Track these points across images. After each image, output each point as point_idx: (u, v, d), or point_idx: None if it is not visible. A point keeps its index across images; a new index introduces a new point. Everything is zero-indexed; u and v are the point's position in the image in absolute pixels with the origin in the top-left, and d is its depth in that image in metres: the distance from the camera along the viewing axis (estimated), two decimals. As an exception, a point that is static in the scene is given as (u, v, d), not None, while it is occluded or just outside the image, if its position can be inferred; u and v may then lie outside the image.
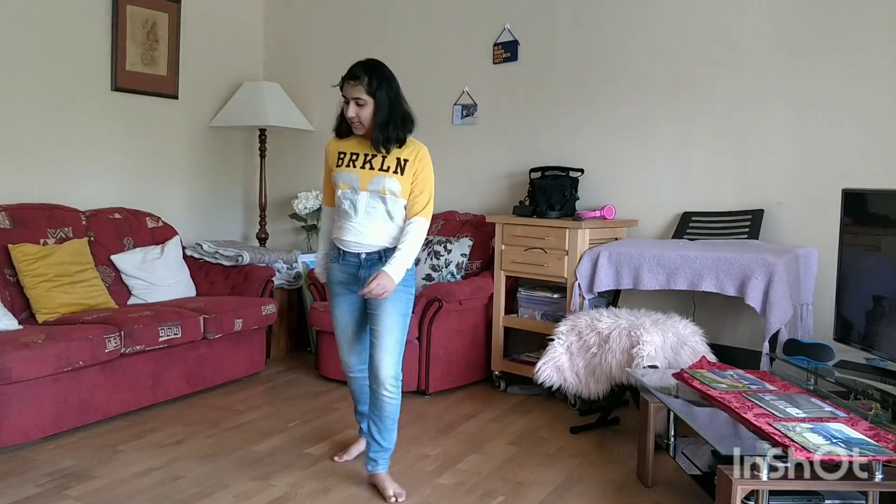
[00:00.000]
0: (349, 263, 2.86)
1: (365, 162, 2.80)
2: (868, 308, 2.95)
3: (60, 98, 4.34)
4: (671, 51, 4.13)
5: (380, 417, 2.85)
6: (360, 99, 2.73)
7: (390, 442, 2.89)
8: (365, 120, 2.75)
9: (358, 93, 2.72)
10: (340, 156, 2.85)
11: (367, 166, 2.79)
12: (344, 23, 5.22)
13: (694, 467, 2.83)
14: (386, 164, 2.79)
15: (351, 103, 2.74)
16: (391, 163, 2.79)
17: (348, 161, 2.83)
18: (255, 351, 4.34)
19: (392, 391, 2.81)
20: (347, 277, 2.88)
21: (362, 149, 2.82)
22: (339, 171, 2.83)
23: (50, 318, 3.70)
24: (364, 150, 2.82)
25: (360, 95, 2.72)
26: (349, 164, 2.82)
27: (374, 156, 2.79)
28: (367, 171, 2.79)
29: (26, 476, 2.95)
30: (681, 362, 3.29)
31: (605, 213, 4.11)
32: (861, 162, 3.65)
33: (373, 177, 2.78)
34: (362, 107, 2.74)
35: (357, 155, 2.82)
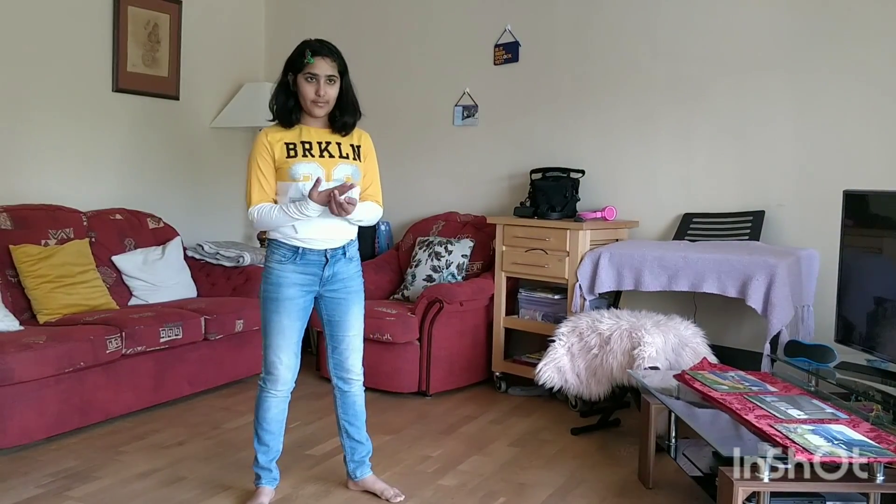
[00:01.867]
0: (310, 263, 2.62)
1: (322, 150, 2.60)
2: (869, 309, 2.96)
3: (62, 99, 4.34)
4: (672, 52, 4.13)
5: (355, 416, 2.82)
6: (333, 76, 2.57)
7: (367, 437, 2.87)
8: (332, 100, 2.59)
9: (332, 70, 2.57)
10: (290, 147, 2.58)
11: (327, 154, 2.60)
12: (345, 24, 5.22)
13: (695, 469, 2.83)
14: (344, 150, 2.63)
15: (322, 81, 2.55)
16: (347, 150, 2.64)
17: (303, 151, 2.58)
18: (257, 352, 4.28)
19: (360, 387, 2.82)
20: (306, 279, 2.63)
21: (312, 136, 2.62)
22: (297, 163, 2.56)
23: (51, 319, 3.70)
24: (316, 138, 2.62)
25: (334, 73, 2.57)
26: (305, 153, 2.58)
27: (328, 143, 2.62)
28: (329, 160, 2.60)
29: (28, 477, 2.95)
30: (682, 364, 3.29)
31: (606, 214, 4.11)
32: (862, 163, 3.65)
33: (336, 165, 2.60)
34: (332, 85, 2.58)
35: (309, 144, 2.60)
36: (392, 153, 4.61)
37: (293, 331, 2.65)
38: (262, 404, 2.72)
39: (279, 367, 2.66)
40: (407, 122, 4.99)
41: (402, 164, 4.89)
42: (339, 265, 2.67)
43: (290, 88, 2.61)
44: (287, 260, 2.62)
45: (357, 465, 2.86)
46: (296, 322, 2.65)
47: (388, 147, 2.77)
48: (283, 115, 2.62)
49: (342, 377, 2.79)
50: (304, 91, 2.56)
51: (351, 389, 2.79)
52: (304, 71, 2.55)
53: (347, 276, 2.71)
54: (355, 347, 2.77)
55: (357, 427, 2.83)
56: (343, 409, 2.82)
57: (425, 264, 4.45)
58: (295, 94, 2.60)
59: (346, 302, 2.72)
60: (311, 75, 2.55)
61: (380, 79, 4.97)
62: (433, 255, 4.44)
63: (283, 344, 2.65)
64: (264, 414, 2.72)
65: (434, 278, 4.38)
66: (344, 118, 2.63)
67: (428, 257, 4.46)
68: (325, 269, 2.64)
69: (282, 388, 2.70)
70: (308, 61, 2.54)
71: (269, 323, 2.64)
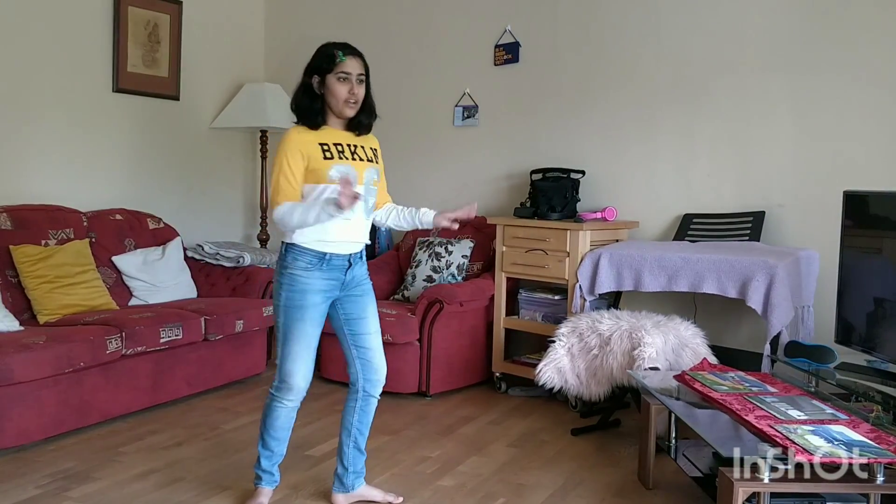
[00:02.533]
0: (334, 268, 2.57)
1: (352, 153, 2.58)
2: (869, 310, 2.95)
3: (62, 99, 4.34)
4: (673, 52, 4.12)
5: (366, 424, 2.74)
6: (363, 76, 2.55)
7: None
8: (361, 101, 2.57)
9: (361, 69, 2.55)
10: (325, 148, 2.54)
11: (357, 157, 2.59)
12: (345, 24, 5.22)
13: (695, 469, 2.82)
14: (368, 154, 2.63)
15: (354, 80, 2.53)
16: (370, 153, 2.64)
17: (338, 153, 2.55)
18: (256, 353, 4.34)
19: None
20: (330, 285, 2.58)
21: (340, 138, 2.59)
22: (336, 164, 2.52)
23: (51, 320, 3.70)
24: (344, 140, 2.59)
25: (363, 72, 2.56)
26: (339, 155, 2.55)
27: (355, 146, 2.60)
28: (360, 163, 2.58)
29: (27, 477, 2.95)
30: (682, 364, 3.29)
31: (606, 214, 4.11)
32: (862, 164, 3.64)
33: (366, 168, 2.60)
34: (362, 85, 2.56)
35: (341, 146, 2.56)
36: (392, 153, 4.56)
37: (314, 339, 2.59)
38: (271, 413, 2.65)
39: (296, 376, 2.57)
40: (407, 122, 4.99)
41: (403, 165, 4.88)
42: (357, 268, 2.66)
43: (314, 91, 2.56)
44: (313, 266, 2.55)
45: (357, 476, 2.77)
46: (317, 329, 2.59)
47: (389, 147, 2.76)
48: (310, 116, 2.57)
49: (371, 379, 2.68)
50: (337, 91, 2.52)
51: (374, 395, 2.71)
52: (337, 70, 2.51)
53: (363, 277, 2.71)
54: (380, 346, 2.71)
55: (364, 436, 2.76)
56: (360, 416, 2.71)
57: (425, 265, 4.44)
58: (321, 96, 2.56)
59: (364, 299, 2.69)
60: (344, 75, 2.52)
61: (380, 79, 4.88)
62: (433, 256, 4.44)
63: (303, 353, 2.57)
64: (273, 422, 2.66)
65: (434, 279, 4.38)
66: (370, 120, 2.63)
67: (428, 258, 4.46)
68: (346, 273, 2.61)
69: (294, 397, 2.62)
70: (340, 60, 2.51)
71: (292, 331, 2.55)
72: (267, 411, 2.67)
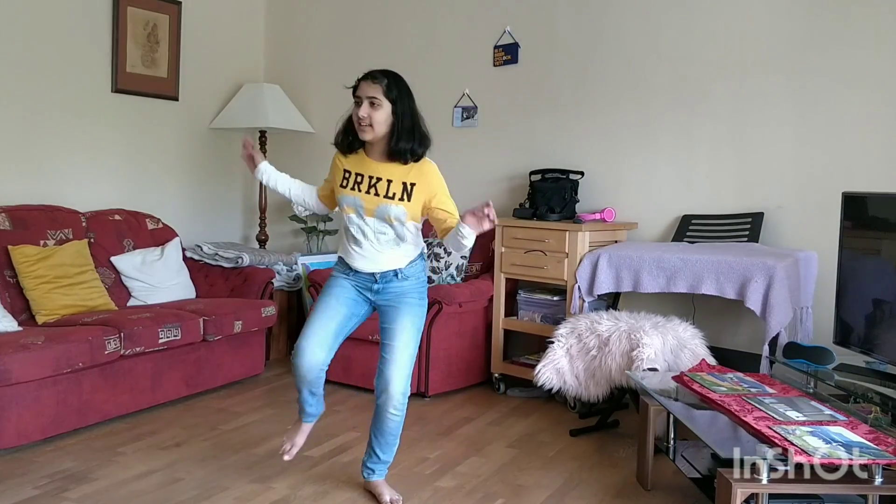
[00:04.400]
0: (362, 278, 2.71)
1: (370, 186, 2.62)
2: (868, 311, 2.95)
3: (61, 99, 4.34)
4: (672, 53, 4.13)
5: (382, 433, 2.73)
6: (375, 98, 2.54)
7: (390, 455, 2.81)
8: (376, 123, 2.55)
9: (374, 92, 2.55)
10: (346, 175, 2.66)
11: (373, 192, 2.61)
12: (345, 25, 5.23)
13: (694, 470, 2.83)
14: (391, 190, 2.60)
15: (364, 103, 2.55)
16: (397, 189, 2.60)
17: (353, 184, 2.64)
18: (255, 353, 4.34)
19: (400, 409, 2.68)
20: (360, 285, 2.72)
21: (367, 169, 2.64)
22: (344, 194, 2.65)
23: (50, 320, 3.70)
24: (368, 172, 2.63)
25: (377, 95, 2.54)
26: (354, 186, 2.64)
27: (378, 179, 2.61)
28: (373, 198, 2.61)
29: (25, 478, 2.95)
30: (681, 365, 3.29)
31: (605, 215, 4.11)
32: (861, 165, 3.65)
33: (378, 204, 2.61)
34: (376, 108, 2.55)
35: (361, 177, 2.63)
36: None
37: (334, 311, 2.69)
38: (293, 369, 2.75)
39: (308, 342, 2.67)
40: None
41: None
42: (392, 284, 2.69)
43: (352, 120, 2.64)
44: (343, 274, 2.75)
45: (366, 470, 2.83)
46: (341, 307, 2.70)
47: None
48: (341, 140, 2.69)
49: (380, 389, 2.67)
50: (353, 115, 2.60)
51: (386, 406, 2.66)
52: (354, 96, 2.60)
53: (401, 291, 2.70)
54: (396, 360, 2.64)
55: (380, 442, 2.76)
56: (375, 419, 2.74)
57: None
58: None
59: (397, 311, 2.69)
60: (356, 98, 2.59)
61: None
62: (432, 257, 4.44)
63: (315, 319, 2.70)
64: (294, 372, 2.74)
65: (433, 280, 4.38)
66: (399, 145, 2.59)
67: (427, 258, 4.45)
68: (374, 286, 2.70)
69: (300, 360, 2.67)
70: (355, 85, 2.61)
71: (316, 303, 2.75)
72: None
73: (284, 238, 5.56)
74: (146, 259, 4.35)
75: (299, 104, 5.36)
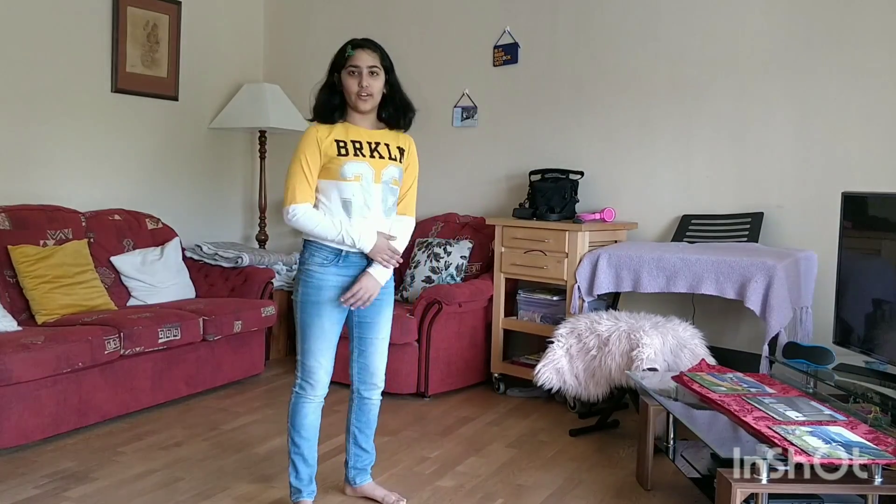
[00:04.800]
0: (351, 265, 2.56)
1: (372, 151, 2.54)
2: (868, 311, 2.96)
3: (61, 99, 4.34)
4: (672, 54, 4.13)
5: (367, 424, 2.77)
6: (375, 67, 2.50)
7: (373, 447, 2.83)
8: (376, 93, 2.52)
9: (374, 61, 2.50)
10: (341, 144, 2.51)
11: (377, 155, 2.54)
12: (344, 24, 5.22)
13: (693, 470, 2.83)
14: (392, 152, 2.58)
15: (364, 73, 2.48)
16: (395, 151, 2.59)
17: (354, 150, 2.51)
18: (255, 353, 4.34)
19: (380, 395, 2.76)
20: (346, 281, 2.57)
21: (361, 136, 2.55)
22: (349, 161, 2.49)
23: (49, 320, 3.70)
24: (366, 138, 2.55)
25: (376, 64, 2.51)
26: (356, 153, 2.51)
27: (377, 143, 2.56)
28: (379, 161, 2.54)
29: (25, 477, 2.95)
30: (680, 365, 3.29)
31: (604, 215, 4.11)
32: (861, 165, 3.65)
33: (385, 166, 2.54)
34: (375, 77, 2.51)
35: (360, 143, 2.53)
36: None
37: (334, 335, 2.60)
38: (299, 411, 2.63)
39: (319, 371, 2.59)
40: (406, 123, 4.98)
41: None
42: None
43: (335, 88, 2.55)
44: (329, 262, 2.55)
45: (358, 473, 2.82)
46: (336, 326, 2.60)
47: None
48: (324, 111, 2.54)
49: (366, 382, 2.70)
50: (348, 85, 2.50)
51: (371, 397, 2.73)
52: (347, 65, 2.50)
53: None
54: (382, 352, 2.70)
55: (366, 435, 2.78)
56: (357, 415, 2.76)
57: (424, 265, 4.45)
58: (341, 92, 2.54)
59: (381, 304, 2.65)
60: (353, 68, 2.50)
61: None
62: (432, 257, 4.44)
63: (323, 348, 2.58)
64: (301, 420, 2.63)
65: (433, 279, 4.38)
66: (396, 113, 2.59)
67: (427, 258, 4.46)
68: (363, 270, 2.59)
69: (320, 392, 2.63)
70: (349, 54, 2.51)
71: (310, 327, 2.57)
72: (293, 411, 2.65)
73: (284, 238, 5.56)
74: (146, 259, 4.35)
75: (299, 104, 5.34)
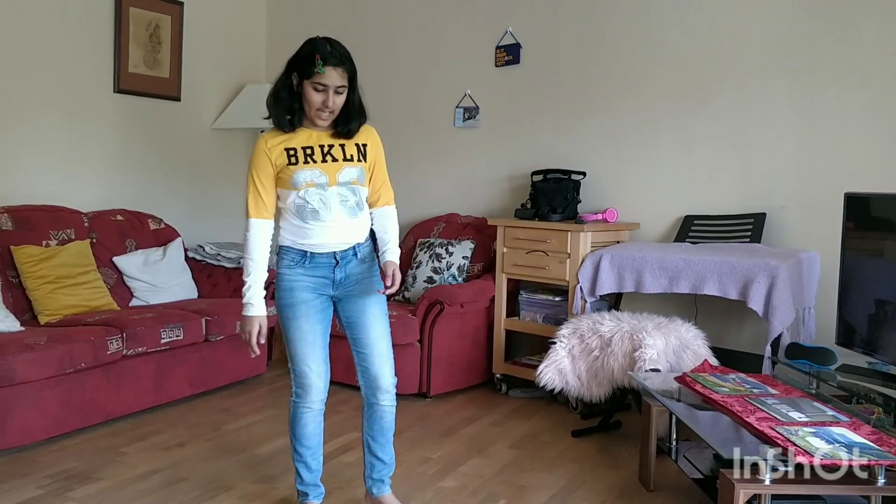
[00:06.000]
0: (319, 265, 2.50)
1: (325, 155, 2.45)
2: (870, 312, 2.95)
3: (63, 100, 4.35)
4: (674, 54, 4.13)
5: (381, 432, 2.61)
6: (342, 87, 2.41)
7: (392, 457, 2.67)
8: (338, 109, 2.44)
9: (343, 81, 2.40)
10: (290, 153, 2.44)
11: (329, 158, 2.45)
12: (346, 25, 5.22)
13: (696, 471, 2.83)
14: (348, 152, 2.48)
15: (331, 92, 2.38)
16: (352, 150, 2.49)
17: (304, 157, 2.44)
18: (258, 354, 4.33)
19: (393, 400, 2.60)
20: (317, 281, 2.51)
21: (313, 140, 2.47)
22: (299, 170, 2.43)
23: (52, 320, 3.70)
24: (317, 141, 2.47)
25: (344, 83, 2.41)
26: (307, 160, 2.44)
27: (331, 146, 2.47)
28: (332, 164, 2.45)
29: (29, 478, 2.95)
30: (683, 366, 3.29)
31: (607, 216, 4.11)
32: (864, 166, 3.65)
33: (340, 168, 2.46)
34: (340, 95, 2.41)
35: (311, 149, 2.45)
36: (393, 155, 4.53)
37: (315, 335, 2.52)
38: (298, 420, 2.58)
39: (309, 375, 2.52)
40: (408, 123, 4.99)
41: (403, 166, 4.88)
42: (351, 266, 2.54)
43: (293, 90, 2.44)
44: (296, 264, 2.51)
45: (374, 483, 2.67)
46: (316, 325, 2.52)
47: (390, 148, 2.73)
48: (281, 120, 2.45)
49: (370, 387, 2.58)
50: (311, 99, 2.40)
51: (378, 402, 2.58)
52: (313, 80, 2.37)
53: (363, 277, 2.56)
54: (380, 353, 2.56)
55: (380, 444, 2.62)
56: (368, 422, 2.62)
57: (426, 266, 4.45)
58: (299, 95, 2.43)
59: (364, 302, 2.55)
60: (321, 85, 2.38)
61: (381, 81, 4.97)
62: (434, 257, 4.44)
63: (308, 350, 2.51)
64: (301, 430, 2.58)
65: (435, 280, 4.38)
66: (349, 125, 2.48)
67: (429, 259, 4.46)
68: (335, 271, 2.52)
69: (315, 398, 2.55)
70: (318, 71, 2.36)
71: (289, 330, 2.53)
72: (293, 420, 2.60)
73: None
74: (148, 259, 4.35)
75: (301, 104, 5.36)
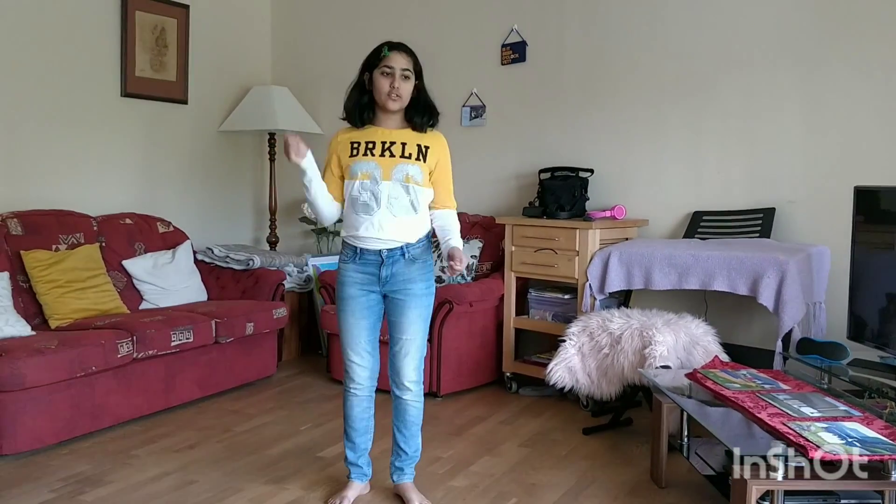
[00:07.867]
0: (368, 262, 2.65)
1: (384, 150, 2.62)
2: (882, 306, 2.93)
3: (70, 104, 4.36)
4: (681, 50, 4.11)
5: (405, 424, 2.77)
6: (408, 71, 2.60)
7: (416, 449, 2.82)
8: (405, 95, 2.61)
9: (407, 64, 2.60)
10: (354, 146, 2.64)
11: (388, 154, 2.62)
12: (352, 26, 5.23)
13: (708, 468, 2.81)
14: (407, 150, 2.63)
15: (397, 74, 2.57)
16: (412, 150, 2.64)
17: (364, 150, 2.62)
18: (267, 354, 4.35)
19: (419, 397, 2.75)
20: (365, 278, 2.66)
21: (377, 137, 2.64)
22: (356, 161, 2.62)
23: (62, 324, 3.72)
24: (380, 138, 2.64)
25: (409, 68, 2.61)
26: (366, 152, 2.62)
27: (392, 143, 2.63)
28: (389, 159, 2.61)
29: (41, 482, 2.96)
30: (693, 362, 3.27)
31: (615, 213, 4.10)
32: (873, 159, 3.62)
33: (395, 164, 2.60)
34: (406, 80, 2.60)
35: (373, 143, 2.63)
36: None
37: (360, 329, 2.71)
38: (345, 402, 2.81)
39: (351, 364, 2.74)
40: (414, 123, 4.99)
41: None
42: (398, 266, 2.65)
43: (365, 87, 2.64)
44: (349, 259, 2.69)
45: (395, 470, 2.84)
46: (360, 321, 2.70)
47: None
48: (353, 113, 2.67)
49: (395, 381, 2.75)
50: (380, 85, 2.59)
51: (403, 396, 2.74)
52: (381, 65, 2.59)
53: (408, 278, 2.67)
54: (408, 352, 2.70)
55: (404, 435, 2.78)
56: (395, 413, 2.79)
57: (435, 265, 4.44)
58: (370, 91, 2.63)
59: (404, 304, 2.68)
60: (387, 69, 2.58)
61: (387, 80, 4.96)
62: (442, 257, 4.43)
63: (350, 342, 2.72)
64: (348, 412, 2.81)
65: (443, 279, 4.37)
66: (417, 118, 2.66)
67: (437, 258, 4.46)
68: (381, 269, 2.65)
69: (358, 385, 2.76)
70: (384, 54, 2.59)
71: (340, 322, 2.74)
72: (343, 403, 2.82)
73: (295, 239, 5.57)
74: (157, 262, 4.37)
75: (307, 106, 5.36)
